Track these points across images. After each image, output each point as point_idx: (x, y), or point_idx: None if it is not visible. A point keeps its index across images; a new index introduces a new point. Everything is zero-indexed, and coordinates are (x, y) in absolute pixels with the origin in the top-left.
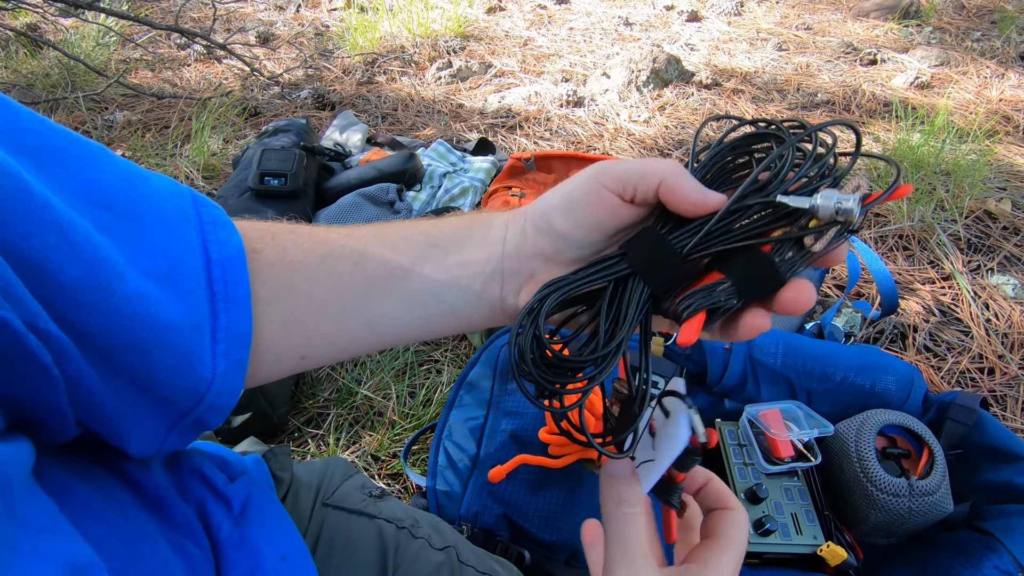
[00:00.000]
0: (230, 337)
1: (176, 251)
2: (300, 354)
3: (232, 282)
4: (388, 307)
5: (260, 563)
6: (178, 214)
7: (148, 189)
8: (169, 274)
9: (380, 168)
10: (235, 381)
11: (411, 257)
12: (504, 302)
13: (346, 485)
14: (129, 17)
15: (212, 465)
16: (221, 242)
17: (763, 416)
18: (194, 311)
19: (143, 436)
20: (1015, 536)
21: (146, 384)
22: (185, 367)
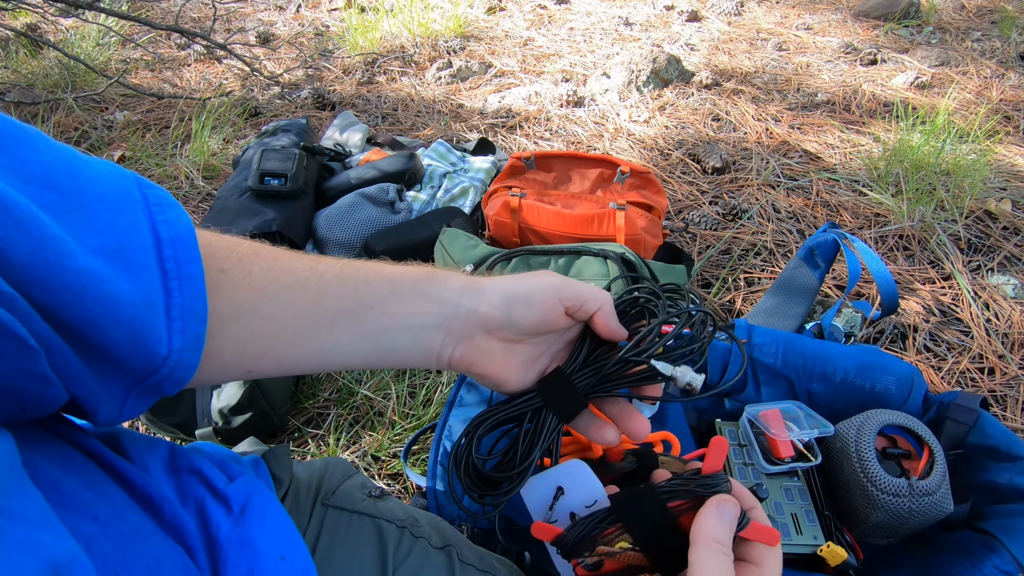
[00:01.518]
0: (185, 314)
1: (124, 230)
2: (247, 368)
3: (184, 260)
4: (341, 339)
5: (259, 562)
6: (123, 194)
7: (91, 171)
8: (119, 252)
9: (380, 168)
10: (192, 357)
11: (370, 299)
12: (441, 353)
13: (346, 485)
14: (129, 17)
15: (212, 465)
16: (170, 222)
17: (763, 416)
18: (146, 289)
19: (109, 400)
20: (1015, 536)
21: (102, 354)
22: (140, 343)
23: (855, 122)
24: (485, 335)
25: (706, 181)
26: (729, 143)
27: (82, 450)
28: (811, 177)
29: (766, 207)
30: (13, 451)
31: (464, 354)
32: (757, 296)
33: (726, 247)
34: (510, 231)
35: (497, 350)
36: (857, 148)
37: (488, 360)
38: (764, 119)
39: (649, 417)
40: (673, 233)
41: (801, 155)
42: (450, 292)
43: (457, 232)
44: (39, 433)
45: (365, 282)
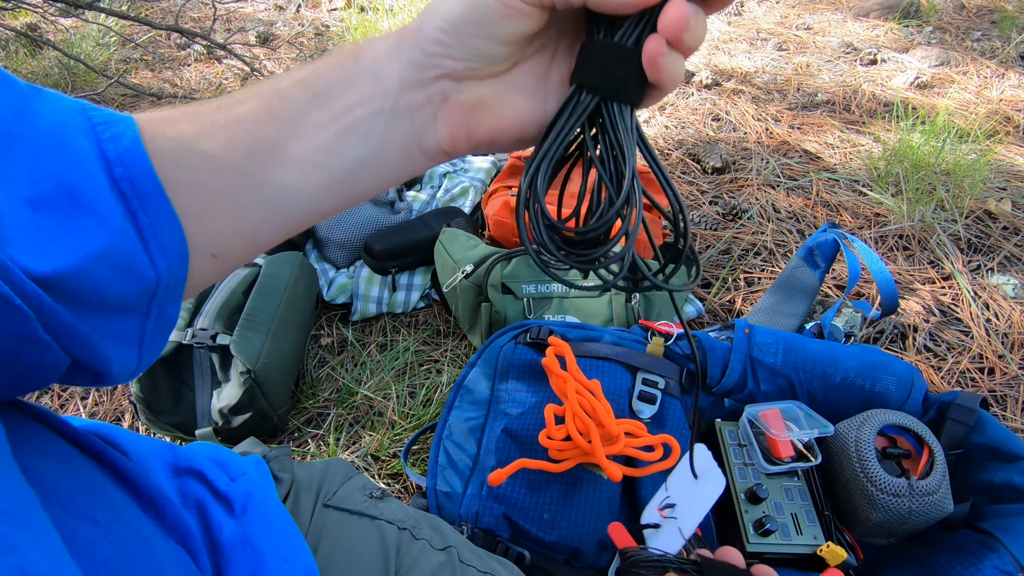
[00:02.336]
0: (159, 232)
1: (68, 167)
2: (210, 252)
3: (137, 176)
4: (283, 179)
5: (262, 564)
6: (65, 128)
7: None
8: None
9: None
10: (181, 271)
11: (291, 115)
12: (422, 142)
13: (347, 486)
14: (129, 17)
15: (212, 465)
16: (115, 137)
17: (763, 416)
18: (112, 218)
19: (122, 351)
20: (1015, 536)
21: (97, 301)
22: (128, 273)
23: (855, 122)
24: (458, 84)
25: (706, 181)
26: (729, 143)
27: (84, 450)
28: (811, 177)
29: (766, 207)
30: (3, 443)
31: (451, 125)
32: (757, 296)
33: (726, 247)
34: (510, 231)
35: (488, 93)
36: (857, 148)
37: (487, 113)
38: (764, 119)
39: (649, 418)
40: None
41: (801, 155)
42: (383, 58)
43: (457, 232)
44: (40, 432)
45: (279, 96)
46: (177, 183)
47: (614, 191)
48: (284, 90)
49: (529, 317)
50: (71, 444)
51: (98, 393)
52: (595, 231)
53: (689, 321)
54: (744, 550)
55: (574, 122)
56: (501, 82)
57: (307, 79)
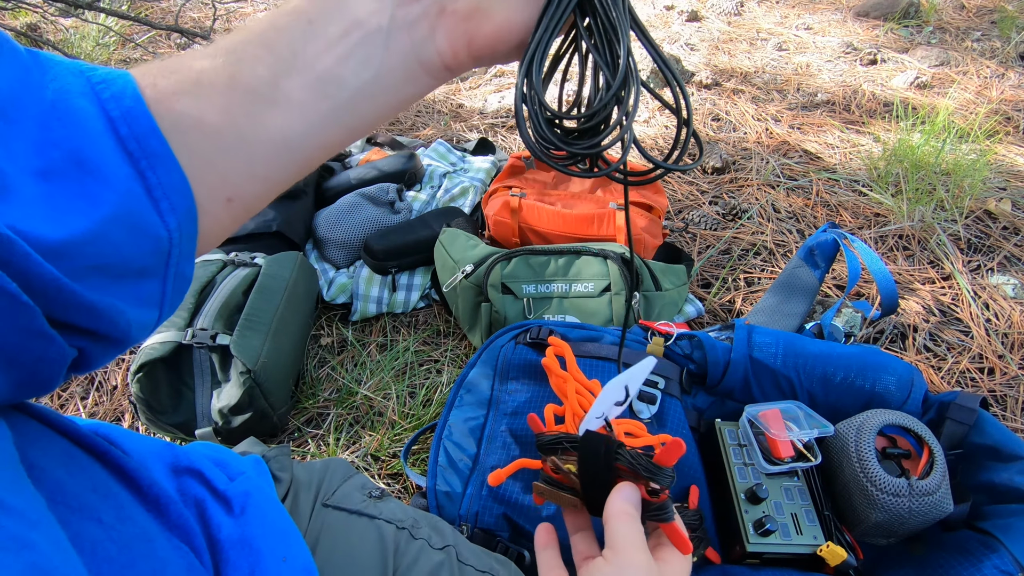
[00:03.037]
0: (168, 192)
1: (73, 133)
2: (225, 197)
3: (142, 135)
4: (288, 113)
5: (261, 563)
6: (67, 93)
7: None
8: (73, 160)
9: (380, 168)
10: (191, 227)
11: (289, 47)
12: (421, 57)
13: (346, 486)
14: (129, 17)
15: (212, 465)
16: (116, 96)
17: (763, 416)
18: (117, 179)
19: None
20: (1015, 536)
21: (119, 266)
22: (142, 234)
23: (855, 122)
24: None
25: (706, 181)
26: (729, 143)
27: (88, 450)
28: (811, 177)
29: (766, 207)
30: (9, 446)
31: (450, 37)
32: (757, 296)
33: (726, 247)
34: (510, 231)
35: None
36: (857, 148)
37: (484, 19)
38: (764, 119)
39: (649, 418)
40: (673, 233)
41: (801, 155)
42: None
43: (457, 232)
44: (44, 433)
45: (274, 27)
46: (183, 126)
47: (610, 73)
48: (279, 23)
49: (529, 317)
50: (75, 444)
51: (98, 393)
52: (597, 115)
53: (689, 321)
54: (744, 550)
55: (564, 8)
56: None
57: (300, 7)
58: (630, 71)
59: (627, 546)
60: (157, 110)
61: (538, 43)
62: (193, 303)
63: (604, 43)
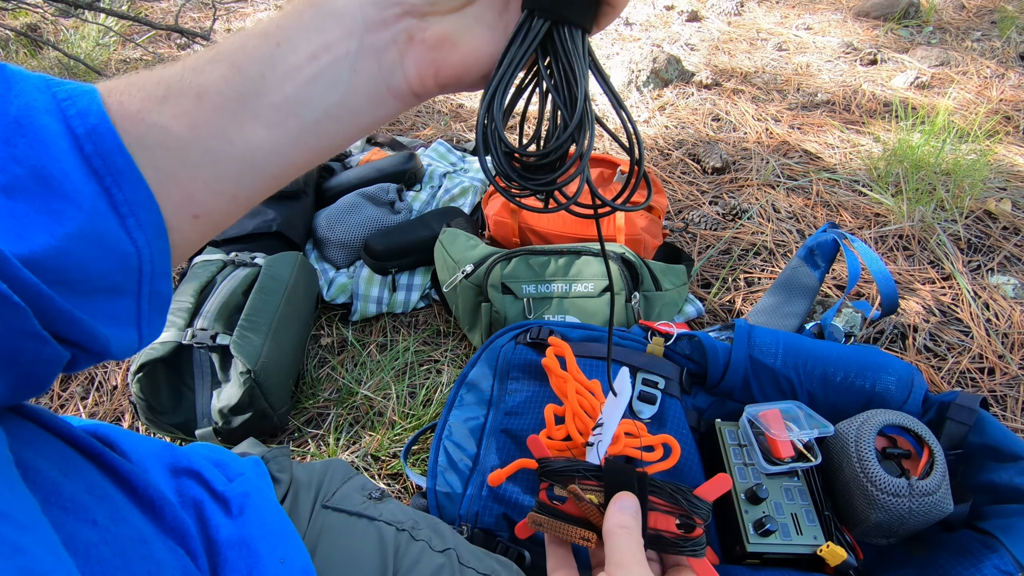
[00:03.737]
0: (135, 208)
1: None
2: (191, 213)
3: (108, 152)
4: (255, 133)
5: (259, 565)
6: (30, 110)
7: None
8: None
9: (380, 168)
10: (161, 243)
11: (257, 68)
12: (389, 83)
13: (346, 487)
14: (129, 17)
15: (210, 466)
16: (81, 112)
17: (763, 416)
18: (82, 197)
19: (118, 334)
20: (1015, 536)
21: (85, 282)
22: (106, 249)
23: (855, 122)
24: (421, 21)
25: (706, 181)
26: (729, 143)
27: (83, 452)
28: (811, 177)
29: (766, 207)
30: (4, 450)
31: (418, 64)
32: (757, 296)
33: (726, 247)
34: (510, 231)
35: (451, 28)
36: (857, 148)
37: (452, 49)
38: (764, 119)
39: (649, 418)
40: (673, 233)
41: (801, 155)
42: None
43: (457, 232)
44: (40, 434)
45: (242, 49)
46: (149, 142)
47: (567, 114)
48: (248, 45)
49: (529, 317)
50: (70, 446)
51: (98, 393)
52: (552, 154)
53: (689, 321)
54: (744, 550)
55: (526, 48)
56: (463, 16)
57: (269, 31)
58: (586, 114)
59: (632, 563)
60: (123, 126)
61: (500, 78)
62: (193, 303)
63: (563, 84)
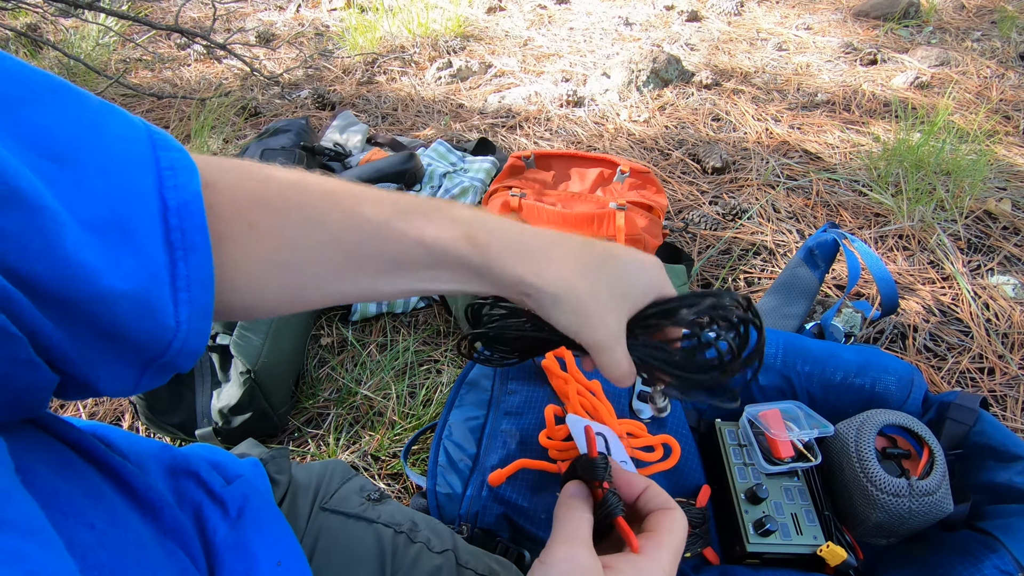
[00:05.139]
0: (192, 285)
1: (127, 200)
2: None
3: (189, 229)
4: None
5: (256, 567)
6: (132, 159)
7: (100, 136)
8: (118, 224)
9: (380, 168)
10: (202, 326)
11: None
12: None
13: (344, 488)
14: (129, 17)
15: (209, 467)
16: (179, 187)
17: (763, 416)
18: (151, 259)
19: (114, 380)
20: (1015, 536)
21: (109, 333)
22: (147, 316)
23: (855, 122)
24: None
25: (706, 181)
26: (729, 143)
27: (82, 454)
28: (811, 177)
29: (766, 207)
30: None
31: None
32: (757, 296)
33: (726, 247)
34: None
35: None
36: (857, 148)
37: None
38: (764, 119)
39: (649, 418)
40: (673, 233)
41: (801, 155)
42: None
43: None
44: (39, 437)
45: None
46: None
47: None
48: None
49: None
50: (70, 448)
51: None
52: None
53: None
54: (744, 550)
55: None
56: None
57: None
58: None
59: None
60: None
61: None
62: None
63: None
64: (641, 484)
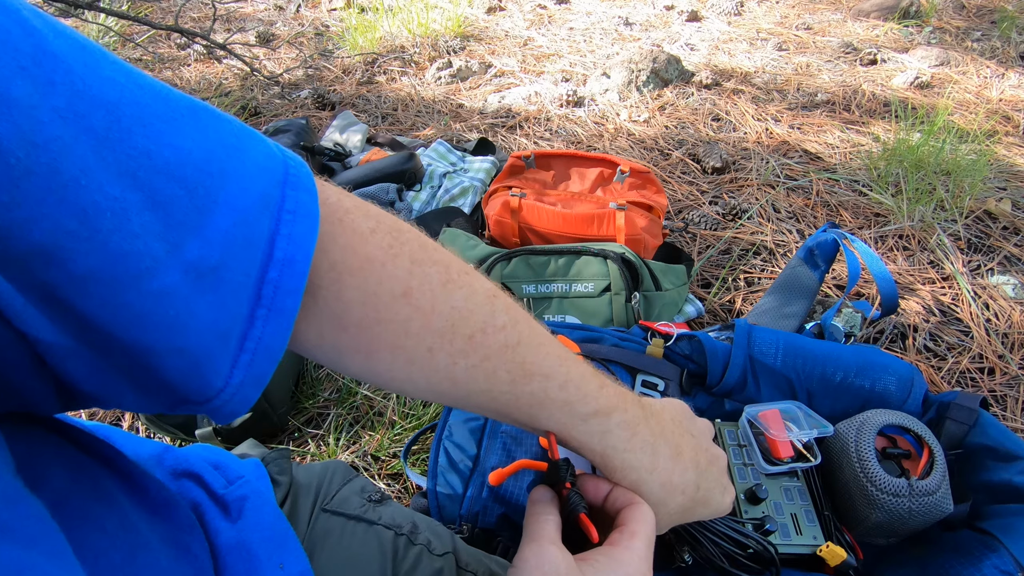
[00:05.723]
0: (259, 348)
1: (236, 243)
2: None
3: (284, 290)
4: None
5: (257, 569)
6: (258, 197)
7: (234, 163)
8: (216, 269)
9: (380, 168)
10: (251, 394)
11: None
12: None
13: (345, 489)
14: (129, 17)
15: (210, 468)
16: (292, 238)
17: (763, 416)
18: (228, 314)
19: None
20: (1015, 536)
21: (143, 383)
22: (195, 374)
23: (855, 122)
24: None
25: (706, 181)
26: (729, 143)
27: (93, 456)
28: (811, 177)
29: (766, 207)
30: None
31: None
32: (757, 296)
33: (726, 247)
34: (510, 231)
35: None
36: (857, 148)
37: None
38: (764, 119)
39: None
40: (673, 233)
41: (801, 155)
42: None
43: (457, 232)
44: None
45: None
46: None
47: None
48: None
49: None
50: (81, 451)
51: None
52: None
53: (689, 321)
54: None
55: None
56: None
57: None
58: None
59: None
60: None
61: None
62: None
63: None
64: (606, 486)
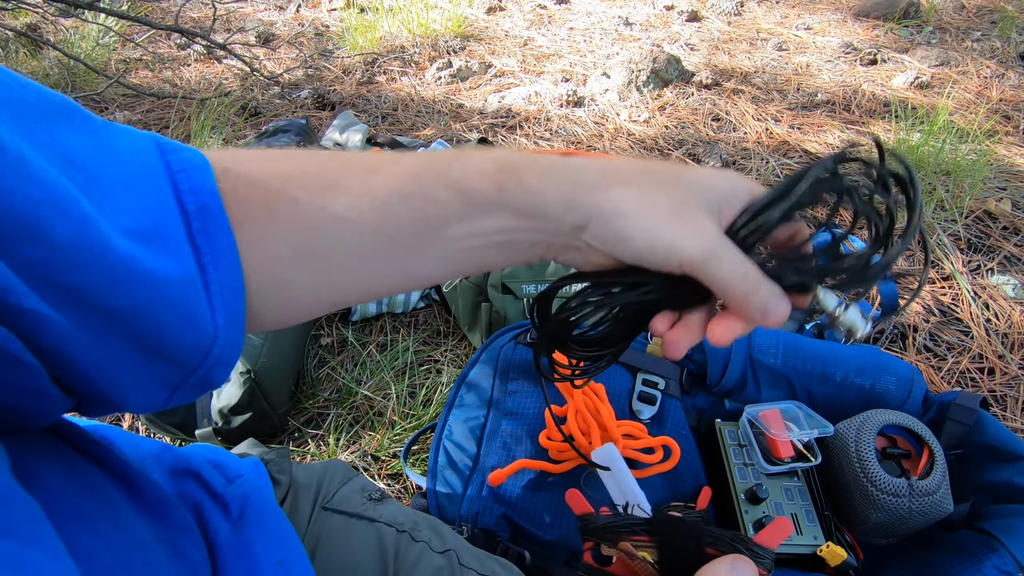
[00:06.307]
0: (224, 290)
1: (155, 209)
2: (331, 303)
3: (213, 232)
4: (415, 266)
5: (258, 568)
6: (148, 169)
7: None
8: (156, 231)
9: None
10: (236, 333)
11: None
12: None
13: (345, 488)
14: (129, 17)
15: (210, 467)
16: (194, 189)
17: (763, 416)
18: (184, 266)
19: (144, 397)
20: (1015, 536)
21: (153, 346)
22: (189, 323)
23: (855, 122)
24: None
25: None
26: (729, 143)
27: (87, 455)
28: None
29: None
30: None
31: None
32: None
33: None
34: None
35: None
36: (857, 148)
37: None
38: (764, 119)
39: (649, 419)
40: None
41: (801, 155)
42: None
43: None
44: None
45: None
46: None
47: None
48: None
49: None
50: (76, 450)
51: None
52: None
53: None
54: None
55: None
56: None
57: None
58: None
59: None
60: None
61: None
62: None
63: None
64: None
